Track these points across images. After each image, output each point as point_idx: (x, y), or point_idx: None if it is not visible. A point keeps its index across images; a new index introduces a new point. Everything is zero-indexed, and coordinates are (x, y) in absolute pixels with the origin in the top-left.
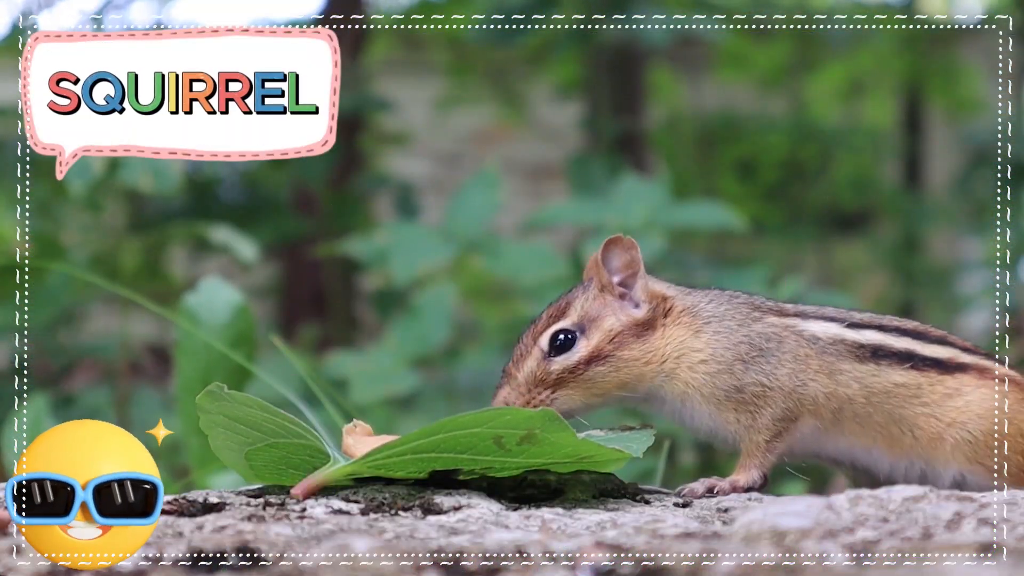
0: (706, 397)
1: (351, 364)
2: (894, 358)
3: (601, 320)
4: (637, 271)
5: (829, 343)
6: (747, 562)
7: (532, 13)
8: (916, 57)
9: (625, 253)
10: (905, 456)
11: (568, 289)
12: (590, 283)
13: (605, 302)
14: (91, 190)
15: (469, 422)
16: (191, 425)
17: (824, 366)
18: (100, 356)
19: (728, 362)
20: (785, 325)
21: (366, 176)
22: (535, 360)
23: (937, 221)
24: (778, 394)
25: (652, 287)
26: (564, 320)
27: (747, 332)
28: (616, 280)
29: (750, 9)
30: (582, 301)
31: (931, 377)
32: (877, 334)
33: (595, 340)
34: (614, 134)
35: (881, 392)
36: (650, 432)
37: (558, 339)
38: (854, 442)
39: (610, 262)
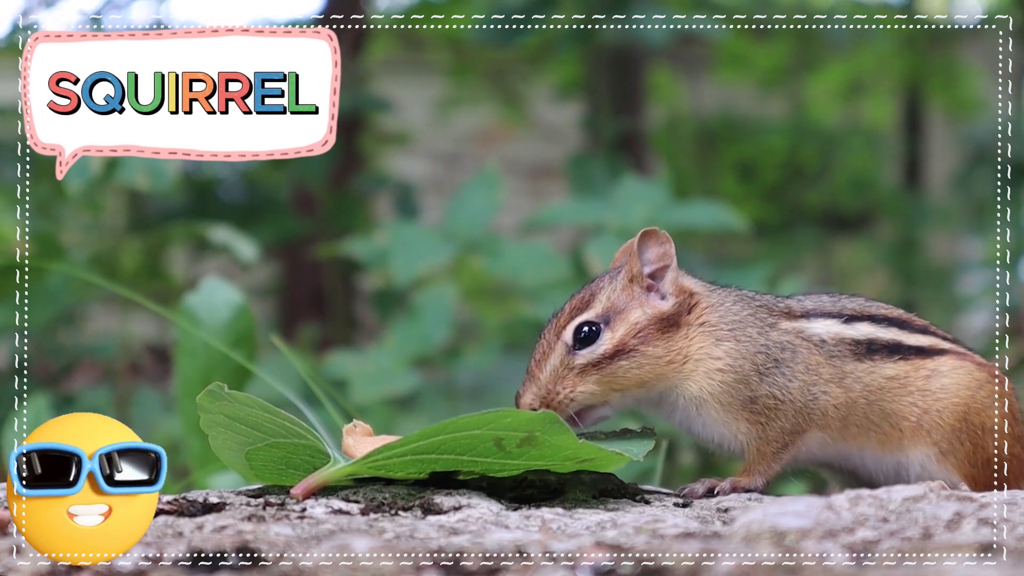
0: (724, 405)
1: (351, 364)
2: (884, 351)
3: (627, 312)
4: (669, 264)
5: (834, 345)
6: (747, 562)
7: (532, 13)
8: (916, 57)
9: (659, 246)
10: (892, 452)
11: (591, 279)
12: (618, 272)
13: (632, 294)
14: (90, 190)
15: (470, 424)
16: (191, 425)
17: (835, 374)
18: (100, 356)
19: (745, 372)
20: (796, 331)
21: (366, 176)
22: (559, 356)
23: (937, 221)
24: (789, 408)
25: (681, 281)
26: (588, 311)
27: (765, 341)
28: (647, 271)
29: (750, 9)
30: (608, 292)
31: (915, 363)
32: (869, 326)
33: (620, 333)
34: (614, 134)
35: (877, 389)
36: (651, 436)
37: (582, 331)
38: (851, 445)
39: (644, 252)
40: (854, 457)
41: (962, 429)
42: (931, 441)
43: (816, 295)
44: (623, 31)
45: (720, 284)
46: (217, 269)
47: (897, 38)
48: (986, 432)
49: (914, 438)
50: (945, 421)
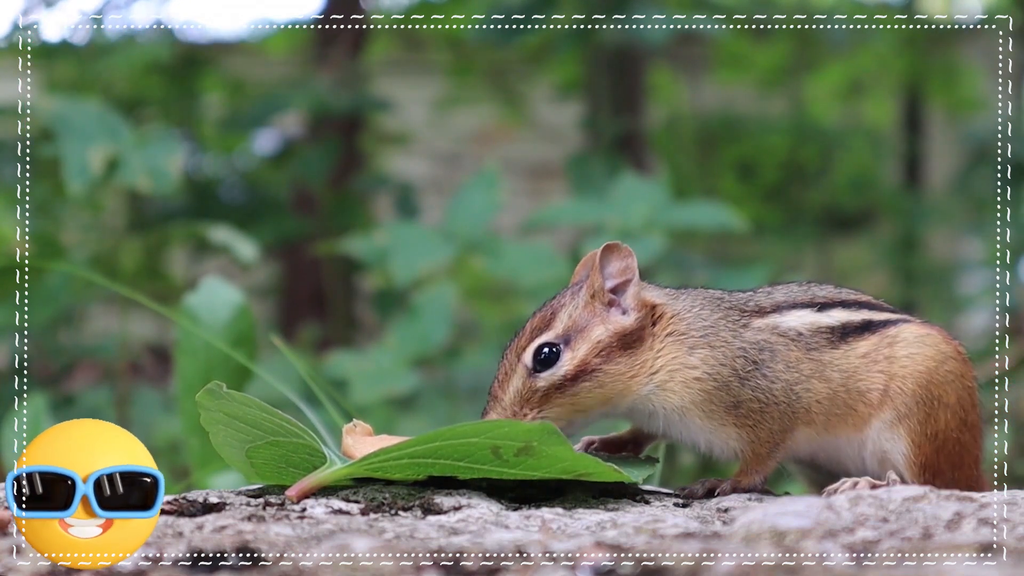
0: (706, 413)
1: (351, 364)
2: (855, 332)
3: (588, 330)
4: (631, 279)
5: (810, 336)
6: (747, 562)
7: (532, 13)
8: (916, 57)
9: (621, 260)
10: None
11: (553, 296)
12: (579, 289)
13: (594, 310)
14: (90, 190)
15: (467, 432)
16: (192, 425)
17: (815, 368)
18: (100, 356)
19: (724, 378)
20: (771, 327)
21: (366, 176)
22: (520, 378)
23: (937, 221)
24: (775, 410)
25: (643, 295)
26: (548, 332)
27: (741, 344)
28: (609, 286)
29: (750, 9)
30: (570, 309)
31: (881, 334)
32: (841, 311)
33: (581, 352)
34: (614, 134)
35: (851, 370)
36: (653, 463)
37: (542, 353)
38: (834, 435)
39: (606, 267)
40: (830, 448)
41: (921, 396)
42: (892, 406)
43: (784, 285)
44: (623, 31)
45: (685, 288)
46: (217, 269)
47: (897, 38)
48: (941, 405)
49: (880, 408)
50: (907, 387)
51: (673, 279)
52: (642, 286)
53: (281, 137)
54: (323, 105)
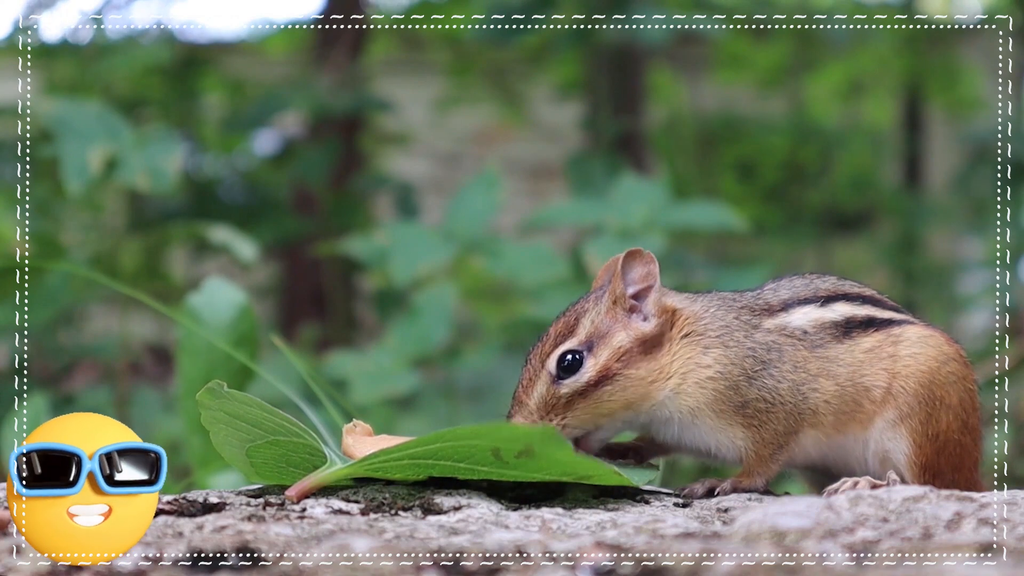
0: (717, 413)
1: (351, 364)
2: (860, 327)
3: (610, 336)
4: (653, 284)
5: (816, 334)
6: (747, 562)
7: (532, 13)
8: (916, 57)
9: (643, 266)
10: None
11: (576, 300)
12: (602, 294)
13: (615, 316)
14: (90, 190)
15: (468, 434)
16: (193, 425)
17: (822, 367)
18: (100, 356)
19: (735, 378)
20: (779, 328)
21: (366, 176)
22: (544, 384)
23: (937, 221)
24: (780, 411)
25: (664, 301)
26: (572, 339)
27: (752, 344)
28: (631, 292)
29: (750, 9)
30: (592, 315)
31: (886, 331)
32: (845, 305)
33: (603, 358)
34: (614, 134)
35: (856, 364)
36: (654, 469)
37: (565, 360)
38: (841, 435)
39: (628, 273)
40: (837, 448)
41: (924, 396)
42: (894, 405)
43: (788, 280)
44: (623, 31)
45: (702, 292)
46: (217, 269)
47: (897, 38)
48: (943, 406)
49: (883, 406)
50: (910, 386)
51: (673, 279)
52: (663, 292)
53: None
54: (323, 105)
